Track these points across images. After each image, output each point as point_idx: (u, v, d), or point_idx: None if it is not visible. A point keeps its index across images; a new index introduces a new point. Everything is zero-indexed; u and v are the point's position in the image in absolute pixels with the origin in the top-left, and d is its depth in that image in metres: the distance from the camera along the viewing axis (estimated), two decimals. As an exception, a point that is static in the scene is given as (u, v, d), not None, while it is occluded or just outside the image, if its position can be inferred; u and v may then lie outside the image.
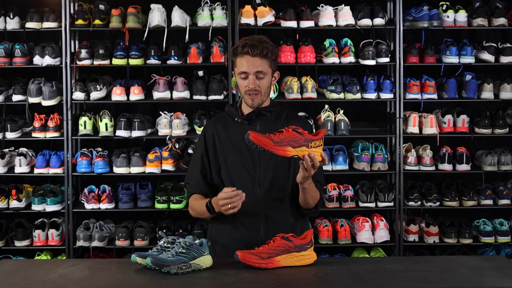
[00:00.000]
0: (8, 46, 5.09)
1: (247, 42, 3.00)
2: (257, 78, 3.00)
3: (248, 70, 2.99)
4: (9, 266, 2.89)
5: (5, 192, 5.08)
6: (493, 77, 5.22)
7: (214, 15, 4.97)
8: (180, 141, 5.01)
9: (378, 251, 5.11)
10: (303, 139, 2.75)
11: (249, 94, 3.02)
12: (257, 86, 3.00)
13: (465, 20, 5.08)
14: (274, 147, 2.69)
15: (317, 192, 3.03)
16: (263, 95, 3.05)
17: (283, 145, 2.71)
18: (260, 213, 3.03)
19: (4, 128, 5.08)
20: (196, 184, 3.15)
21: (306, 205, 3.05)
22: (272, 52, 3.02)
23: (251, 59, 2.99)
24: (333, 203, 5.01)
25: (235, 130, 3.09)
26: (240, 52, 3.00)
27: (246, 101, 3.05)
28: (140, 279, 2.61)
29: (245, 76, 3.01)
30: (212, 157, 3.11)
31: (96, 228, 4.97)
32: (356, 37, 5.23)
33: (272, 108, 3.12)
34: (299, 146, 2.74)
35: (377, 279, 2.62)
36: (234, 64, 3.06)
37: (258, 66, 2.99)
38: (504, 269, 2.75)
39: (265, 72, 3.01)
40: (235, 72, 3.08)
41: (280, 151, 2.70)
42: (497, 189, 5.15)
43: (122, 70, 5.26)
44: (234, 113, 3.12)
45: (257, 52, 2.98)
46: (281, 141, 2.72)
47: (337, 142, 5.27)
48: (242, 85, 3.03)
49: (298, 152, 2.74)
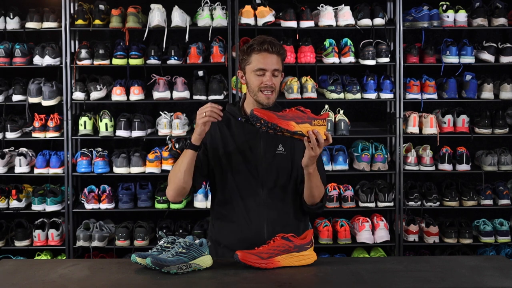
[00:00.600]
0: (8, 46, 5.09)
1: (265, 40, 3.00)
2: (273, 75, 3.01)
3: (267, 67, 2.98)
4: (9, 266, 2.89)
5: (5, 192, 5.08)
6: (493, 77, 5.22)
7: (214, 15, 4.97)
8: (180, 141, 5.01)
9: (378, 251, 5.11)
10: (305, 117, 2.80)
11: (265, 92, 3.00)
12: (273, 84, 3.01)
13: (465, 20, 5.08)
14: (278, 120, 2.74)
15: (322, 186, 3.01)
16: (276, 93, 3.05)
17: (286, 119, 2.76)
18: (263, 214, 3.02)
19: (4, 128, 5.08)
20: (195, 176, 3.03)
21: (312, 199, 3.01)
22: (285, 51, 3.07)
23: (269, 56, 2.99)
24: (333, 203, 5.01)
25: (238, 129, 3.07)
26: (257, 49, 2.98)
27: (260, 99, 3.01)
28: (140, 279, 2.61)
29: (261, 73, 2.99)
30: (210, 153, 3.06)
31: (96, 228, 4.97)
32: (356, 37, 5.23)
33: (276, 108, 3.12)
34: (302, 122, 2.79)
35: (377, 279, 2.62)
36: (247, 62, 3.02)
37: (275, 63, 3.00)
38: (504, 269, 2.75)
39: (280, 71, 3.03)
40: (246, 69, 3.04)
41: (284, 124, 2.75)
42: (497, 189, 5.15)
43: (122, 70, 5.26)
44: (236, 113, 3.10)
45: (276, 50, 2.99)
46: (285, 115, 2.77)
47: (337, 142, 5.26)
48: (256, 82, 3.00)
49: (301, 128, 2.78)
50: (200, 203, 4.97)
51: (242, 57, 3.06)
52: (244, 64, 3.05)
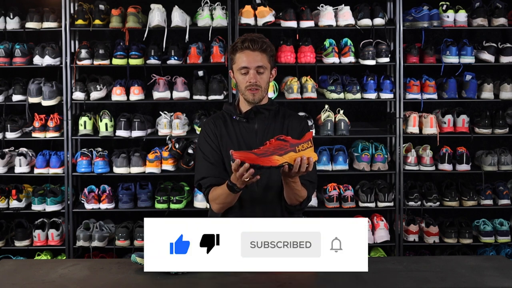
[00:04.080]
0: (8, 46, 5.09)
1: (246, 38, 3.02)
2: (258, 73, 3.01)
3: (249, 64, 3.00)
4: (9, 266, 2.89)
5: (5, 192, 5.08)
6: (493, 77, 5.22)
7: (214, 15, 4.97)
8: (180, 141, 5.01)
9: (378, 251, 5.11)
10: (288, 145, 2.72)
11: (250, 89, 3.02)
12: (257, 81, 3.01)
13: (465, 20, 5.08)
14: (259, 159, 2.66)
15: (303, 191, 3.00)
16: (263, 91, 3.06)
17: (267, 156, 2.68)
18: (258, 211, 3.05)
19: (4, 128, 5.08)
20: (214, 173, 3.06)
21: (290, 201, 3.04)
22: (270, 47, 3.06)
23: (251, 53, 3.00)
24: (333, 203, 5.01)
25: (234, 127, 3.10)
26: (240, 47, 3.01)
27: (247, 97, 3.05)
28: (140, 279, 2.61)
29: (245, 72, 3.01)
30: (218, 150, 3.09)
31: (96, 228, 4.97)
32: (356, 37, 5.23)
33: (270, 106, 3.13)
34: (285, 153, 2.71)
35: (377, 279, 2.63)
36: (233, 61, 3.06)
37: (258, 60, 3.01)
38: (504, 269, 2.75)
39: (265, 67, 3.03)
40: (233, 69, 3.08)
41: (266, 161, 2.67)
42: (497, 189, 5.15)
43: (122, 70, 5.26)
44: (232, 111, 3.13)
45: (257, 47, 3.00)
46: (265, 152, 2.69)
47: (337, 142, 5.27)
48: (242, 81, 3.03)
49: (286, 158, 2.70)
50: (200, 203, 4.97)
51: (230, 57, 3.11)
52: (231, 64, 3.09)
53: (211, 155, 3.08)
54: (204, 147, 3.11)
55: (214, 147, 3.09)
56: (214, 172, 3.06)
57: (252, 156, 2.67)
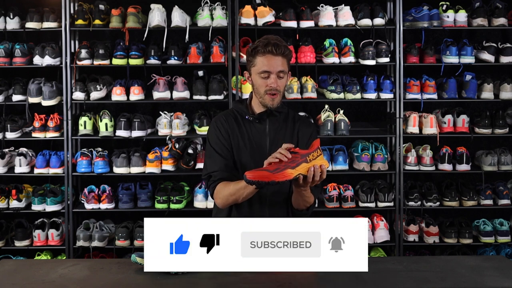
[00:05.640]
0: (8, 46, 5.09)
1: (269, 41, 2.99)
2: (278, 77, 3.00)
3: (271, 69, 2.98)
4: (9, 266, 2.89)
5: (5, 192, 5.08)
6: (493, 77, 5.22)
7: (214, 15, 4.98)
8: (180, 141, 5.01)
9: (378, 251, 5.11)
10: (298, 156, 2.73)
11: (270, 94, 2.99)
12: (278, 86, 3.00)
13: (465, 20, 5.08)
14: (273, 175, 2.67)
15: (311, 197, 3.01)
16: (281, 95, 3.05)
17: (281, 171, 2.69)
18: (266, 212, 3.06)
19: (4, 128, 5.08)
20: (225, 167, 3.05)
21: (297, 206, 3.05)
22: (290, 52, 3.05)
23: (273, 58, 2.98)
24: (333, 203, 5.01)
25: (245, 127, 3.09)
26: (262, 51, 2.98)
27: (265, 101, 3.02)
28: (140, 279, 2.61)
29: (266, 76, 2.99)
30: (229, 146, 3.08)
31: (96, 228, 4.97)
32: (356, 37, 5.23)
33: (282, 109, 3.12)
34: (297, 165, 2.72)
35: (377, 279, 2.63)
36: (252, 64, 3.02)
37: (280, 65, 2.99)
38: (504, 269, 2.75)
39: (285, 72, 3.02)
40: (251, 71, 3.04)
41: (280, 176, 2.67)
42: (497, 189, 5.15)
43: (122, 70, 5.26)
44: (244, 111, 3.11)
45: (280, 52, 2.98)
46: (278, 167, 2.70)
47: (337, 142, 5.27)
48: (262, 84, 3.00)
49: (299, 170, 2.72)
50: (200, 203, 4.98)
51: (247, 58, 3.06)
52: (250, 66, 3.05)
53: (222, 151, 3.07)
54: (216, 142, 3.09)
55: (225, 143, 3.08)
56: (226, 167, 3.05)
57: (266, 173, 2.67)
